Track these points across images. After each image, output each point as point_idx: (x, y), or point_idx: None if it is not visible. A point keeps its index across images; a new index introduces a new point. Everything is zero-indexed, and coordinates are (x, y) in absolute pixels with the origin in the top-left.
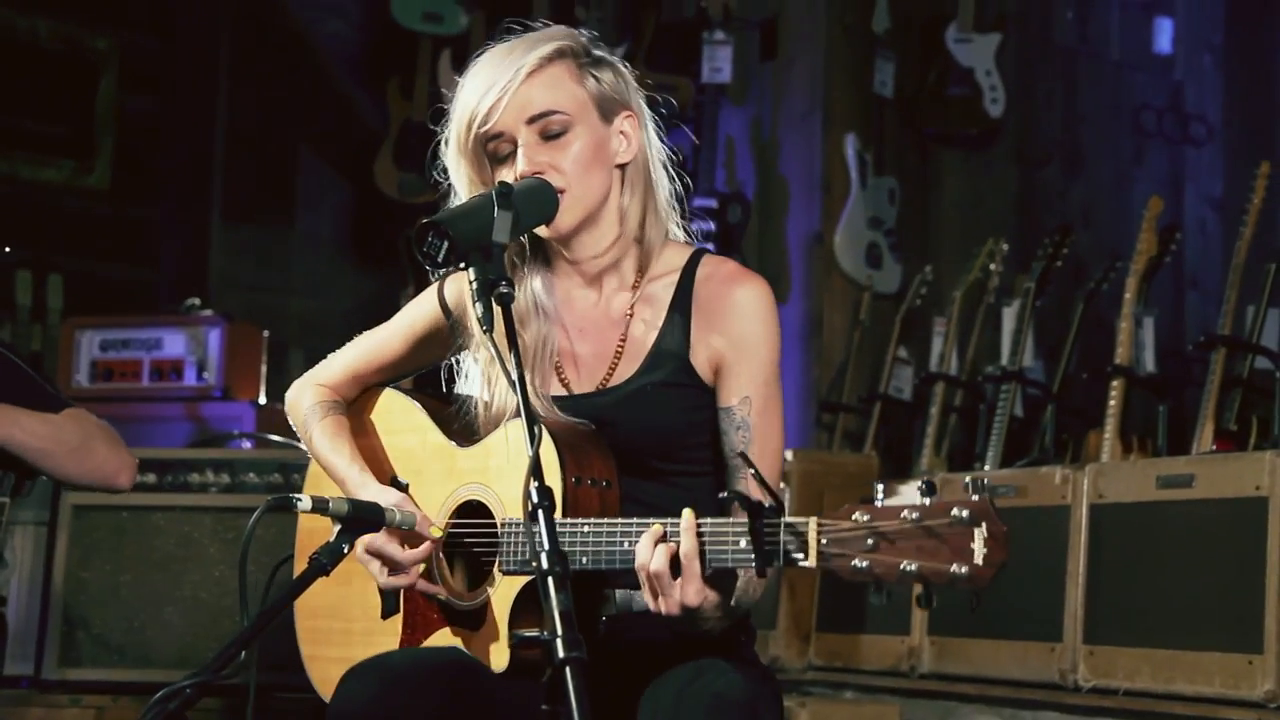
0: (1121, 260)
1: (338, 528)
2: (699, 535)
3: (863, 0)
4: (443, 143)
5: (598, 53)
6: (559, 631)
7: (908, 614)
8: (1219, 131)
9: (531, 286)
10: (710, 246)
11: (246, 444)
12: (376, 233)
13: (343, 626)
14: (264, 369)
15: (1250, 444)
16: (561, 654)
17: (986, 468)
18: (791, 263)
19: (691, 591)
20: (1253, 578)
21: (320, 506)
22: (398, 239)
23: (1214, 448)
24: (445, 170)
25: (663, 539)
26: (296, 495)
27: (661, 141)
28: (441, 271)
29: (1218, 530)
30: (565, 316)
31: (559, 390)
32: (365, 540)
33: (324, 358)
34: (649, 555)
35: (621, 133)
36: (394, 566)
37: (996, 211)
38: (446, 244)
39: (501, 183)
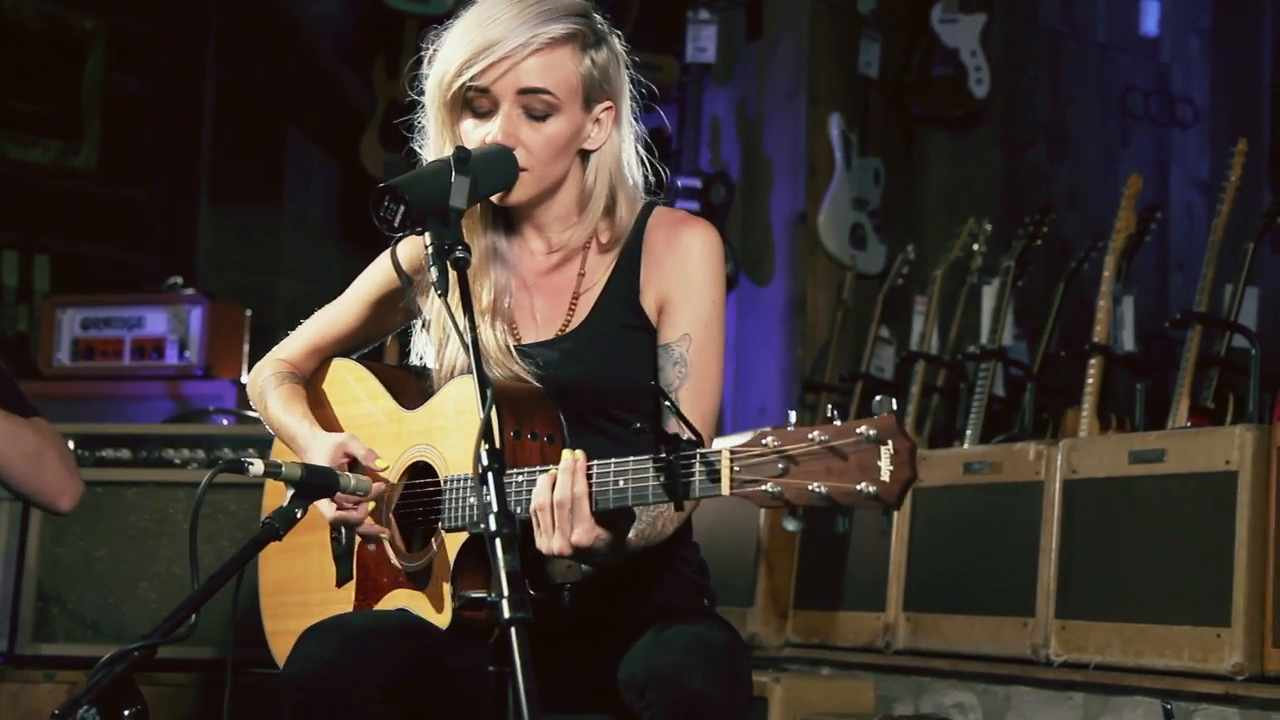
0: (1104, 240)
1: (290, 492)
2: (588, 476)
3: None
4: (426, 61)
5: (600, 29)
6: (505, 592)
7: (884, 590)
8: (1205, 114)
9: (491, 237)
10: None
11: (225, 420)
12: (365, 214)
13: (301, 599)
14: (246, 347)
15: (1227, 421)
16: (507, 614)
17: (966, 445)
18: (776, 243)
19: (581, 531)
20: (1221, 552)
21: (273, 471)
22: None
23: (1189, 424)
24: (421, 91)
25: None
26: (249, 459)
27: (638, 124)
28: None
29: (1188, 505)
30: (524, 275)
31: (510, 340)
32: None
33: None
34: (544, 496)
35: (597, 120)
36: (341, 504)
37: (982, 192)
38: (403, 208)
39: (459, 148)
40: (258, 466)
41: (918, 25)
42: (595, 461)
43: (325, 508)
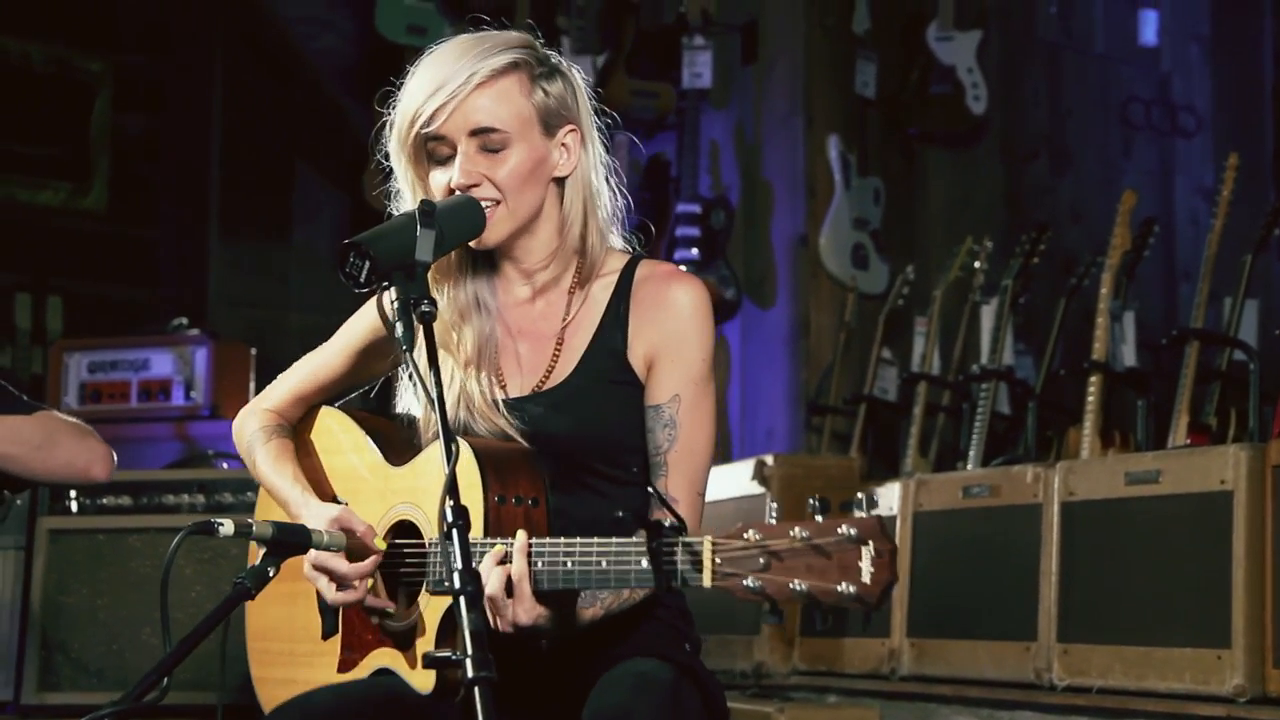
0: (1102, 256)
1: (263, 551)
2: (529, 557)
3: (842, 1)
4: (386, 125)
5: (553, 62)
6: (469, 651)
7: (888, 616)
8: (1208, 122)
9: (474, 286)
10: (689, 255)
11: (226, 464)
12: None
13: (287, 648)
14: (252, 386)
15: (1229, 437)
16: (471, 673)
17: (969, 467)
18: (778, 265)
19: (522, 611)
20: (1219, 572)
21: (243, 531)
22: None
23: (1188, 442)
24: (387, 155)
25: (504, 560)
26: (219, 520)
27: (606, 153)
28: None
29: (1185, 525)
30: (507, 318)
31: (498, 393)
32: (312, 556)
33: None
34: (487, 576)
35: (563, 145)
36: (340, 582)
37: (984, 209)
38: (368, 264)
39: (424, 201)
40: (228, 527)
41: (913, 44)
42: (548, 540)
43: (325, 589)
